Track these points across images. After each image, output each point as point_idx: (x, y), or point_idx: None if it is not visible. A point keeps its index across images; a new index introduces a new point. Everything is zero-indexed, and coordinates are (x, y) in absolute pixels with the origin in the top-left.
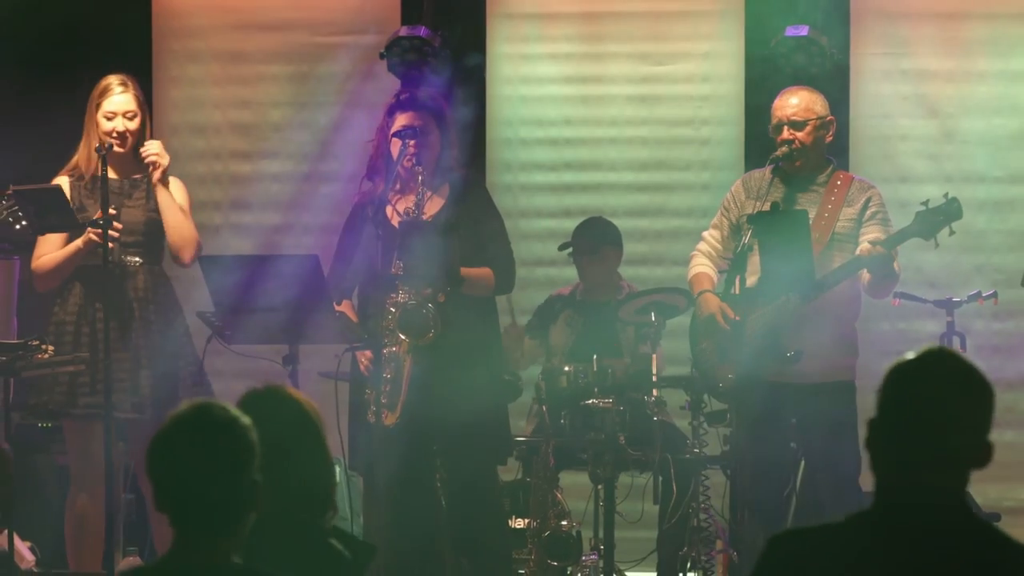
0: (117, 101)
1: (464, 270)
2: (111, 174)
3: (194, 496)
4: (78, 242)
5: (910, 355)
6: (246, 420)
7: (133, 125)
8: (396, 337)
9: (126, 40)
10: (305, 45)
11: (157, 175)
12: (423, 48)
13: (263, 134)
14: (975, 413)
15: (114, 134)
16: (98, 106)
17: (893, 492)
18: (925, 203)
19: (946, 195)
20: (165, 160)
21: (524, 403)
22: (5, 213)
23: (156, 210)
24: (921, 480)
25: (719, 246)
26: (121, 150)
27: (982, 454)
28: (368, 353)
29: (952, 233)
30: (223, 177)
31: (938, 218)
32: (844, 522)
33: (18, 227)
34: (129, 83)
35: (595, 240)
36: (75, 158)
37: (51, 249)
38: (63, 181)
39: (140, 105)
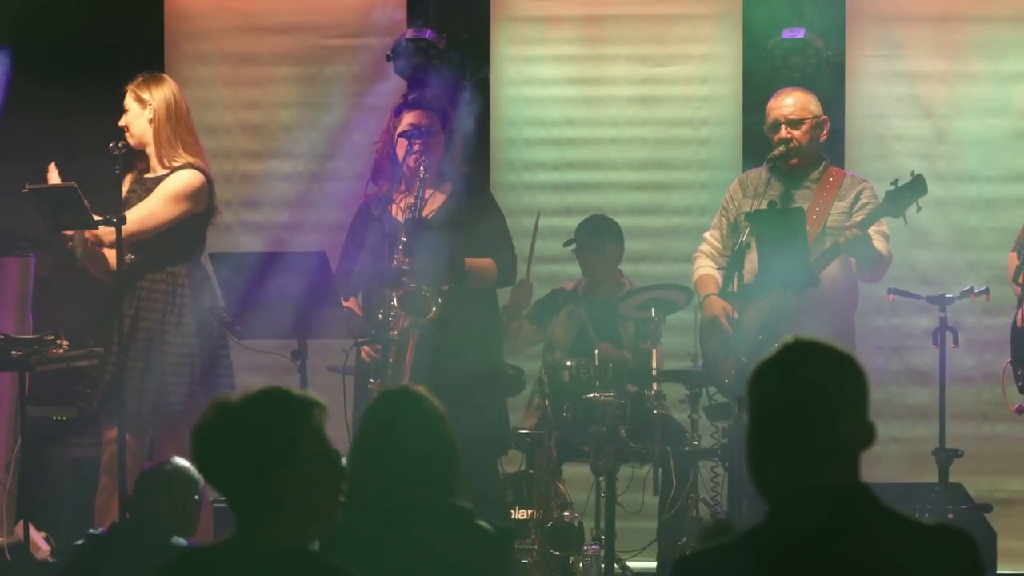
0: (125, 100)
1: (467, 261)
2: (152, 173)
3: (254, 478)
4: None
5: (769, 354)
6: (313, 402)
7: (125, 119)
8: (398, 322)
9: (139, 43)
10: (313, 47)
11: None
12: (429, 50)
13: (272, 134)
14: (847, 394)
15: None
16: None
17: (785, 497)
18: (894, 183)
19: (912, 172)
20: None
21: (524, 396)
22: None
23: None
24: (812, 479)
25: (719, 245)
26: (131, 142)
27: (865, 435)
28: (377, 346)
29: (919, 209)
30: (233, 176)
31: (906, 195)
32: (742, 538)
33: None
34: (138, 82)
35: (598, 237)
36: None
37: None
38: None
39: (137, 100)
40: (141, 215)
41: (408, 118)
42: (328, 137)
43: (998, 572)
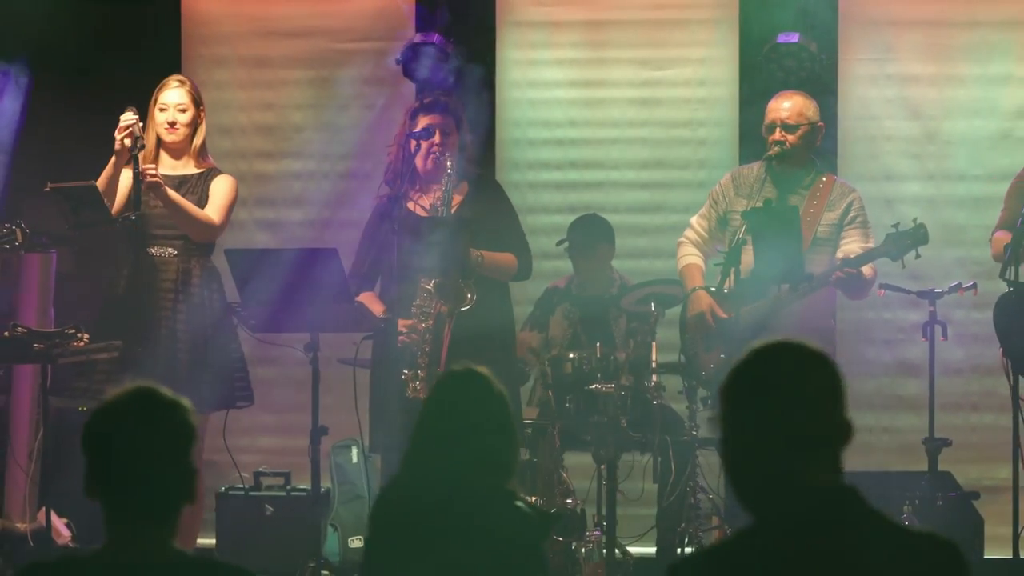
0: (170, 95)
1: (490, 255)
2: (163, 169)
3: (132, 479)
4: (109, 166)
5: (740, 358)
6: (187, 403)
7: (183, 118)
8: (432, 310)
9: (157, 46)
10: (325, 51)
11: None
12: (436, 54)
13: (285, 135)
14: (823, 391)
15: (164, 125)
16: (155, 100)
17: (771, 501)
18: (895, 226)
19: (915, 220)
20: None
21: (526, 388)
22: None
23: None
24: (795, 481)
25: (706, 235)
26: (175, 139)
27: (843, 431)
28: (408, 321)
29: (918, 257)
30: (248, 175)
31: (906, 242)
32: (732, 542)
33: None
34: (187, 82)
35: (590, 237)
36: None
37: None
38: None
39: (193, 102)
40: (225, 211)
41: (423, 120)
42: (340, 138)
43: (985, 558)
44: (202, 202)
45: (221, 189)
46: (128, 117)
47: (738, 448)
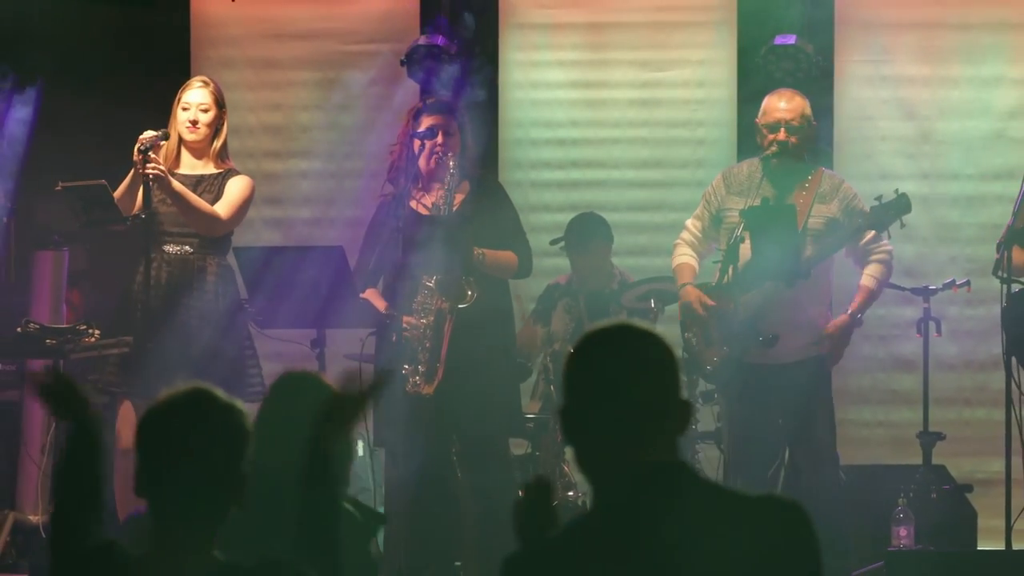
0: (193, 95)
1: (491, 253)
2: (183, 168)
3: (183, 480)
4: (128, 177)
5: (578, 343)
6: (242, 406)
7: (205, 117)
8: (433, 306)
9: (166, 48)
10: (332, 53)
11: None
12: (440, 55)
13: (293, 135)
14: (653, 368)
15: (186, 123)
16: (178, 99)
17: (608, 480)
18: (878, 199)
19: (896, 191)
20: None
21: (527, 384)
22: None
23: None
24: (632, 458)
25: (700, 235)
26: (195, 138)
27: (679, 409)
28: (410, 318)
29: (903, 226)
30: (256, 175)
31: (889, 212)
32: (570, 526)
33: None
34: (211, 83)
35: (583, 234)
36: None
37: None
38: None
39: (216, 102)
40: (235, 209)
41: (427, 121)
42: (346, 138)
43: (979, 549)
44: (217, 201)
45: (234, 187)
46: (149, 133)
47: (579, 429)
